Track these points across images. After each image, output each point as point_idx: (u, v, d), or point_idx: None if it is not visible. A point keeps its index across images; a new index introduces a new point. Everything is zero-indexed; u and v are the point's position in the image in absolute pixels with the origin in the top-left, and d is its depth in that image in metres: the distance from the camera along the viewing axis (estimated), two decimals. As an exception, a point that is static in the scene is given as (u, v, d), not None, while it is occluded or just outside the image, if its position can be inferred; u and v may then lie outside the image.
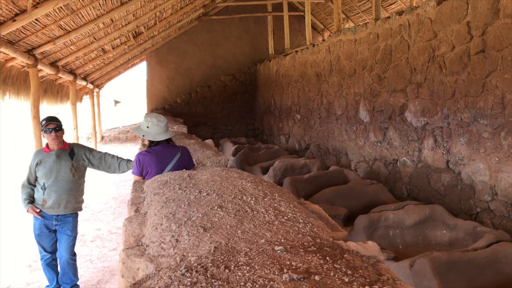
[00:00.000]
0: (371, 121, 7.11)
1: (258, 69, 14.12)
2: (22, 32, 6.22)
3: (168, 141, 3.68)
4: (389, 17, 6.55)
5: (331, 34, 8.76)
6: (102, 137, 17.42)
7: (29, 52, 6.80)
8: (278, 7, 13.25)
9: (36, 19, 5.98)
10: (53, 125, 3.94)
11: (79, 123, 12.27)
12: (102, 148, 14.51)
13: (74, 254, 4.24)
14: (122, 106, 31.94)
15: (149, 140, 3.62)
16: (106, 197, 8.25)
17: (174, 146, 3.72)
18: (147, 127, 3.56)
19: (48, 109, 10.24)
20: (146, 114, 3.79)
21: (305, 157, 8.51)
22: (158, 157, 3.55)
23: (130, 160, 4.28)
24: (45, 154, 4.01)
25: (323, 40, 9.12)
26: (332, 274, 1.28)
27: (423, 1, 5.81)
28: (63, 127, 4.06)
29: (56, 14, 6.38)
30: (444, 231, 4.57)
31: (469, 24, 4.93)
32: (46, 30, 6.65)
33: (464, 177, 5.19)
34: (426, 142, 5.80)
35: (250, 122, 14.82)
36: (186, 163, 3.68)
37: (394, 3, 11.63)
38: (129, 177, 9.12)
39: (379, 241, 4.53)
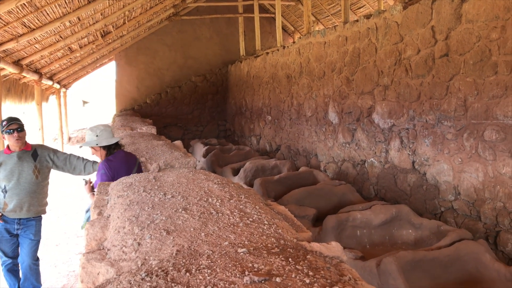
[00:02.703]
0: (340, 123, 7.21)
1: (229, 70, 14.09)
2: (-17, 30, 6.00)
3: (120, 147, 3.66)
4: (357, 21, 6.65)
5: (301, 36, 8.82)
6: (69, 138, 17.00)
7: (-10, 50, 6.57)
8: (249, 9, 13.26)
9: (-3, 16, 5.79)
10: (15, 125, 3.81)
11: (45, 124, 11.92)
12: (69, 149, 14.15)
13: (37, 259, 4.11)
14: (90, 106, 31.26)
15: (104, 149, 3.53)
16: (73, 199, 8.05)
17: (131, 154, 3.75)
18: (97, 135, 3.48)
19: (11, 108, 9.91)
20: (89, 128, 3.67)
21: (276, 158, 8.55)
22: (125, 162, 3.52)
23: (96, 162, 4.19)
24: (6, 156, 3.87)
25: (294, 42, 9.19)
26: (293, 275, 1.28)
27: (390, 5, 5.94)
28: (25, 127, 3.93)
29: (19, 11, 6.17)
30: (410, 230, 4.67)
31: (433, 28, 5.07)
32: (9, 28, 6.43)
33: (429, 178, 5.32)
34: (392, 143, 5.92)
35: (221, 123, 14.76)
36: (141, 170, 3.68)
37: (362, 6, 11.84)
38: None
39: (347, 241, 4.60)
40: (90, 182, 3.67)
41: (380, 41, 6.04)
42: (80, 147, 3.76)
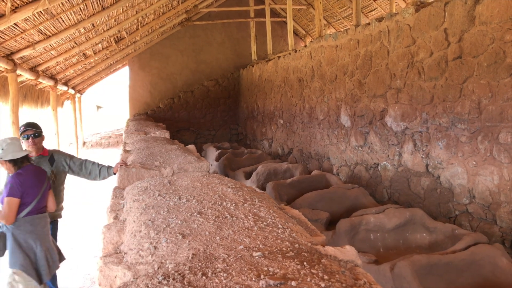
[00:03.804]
0: (352, 126, 7.19)
1: (241, 74, 14.15)
2: (0, 37, 6.12)
3: (28, 161, 3.58)
4: (369, 24, 6.64)
5: (312, 40, 8.83)
6: (84, 143, 17.21)
7: (8, 57, 6.69)
8: (260, 13, 13.31)
9: (15, 24, 5.90)
10: (31, 131, 3.88)
11: (61, 129, 12.10)
12: (84, 153, 14.33)
13: (53, 262, 4.17)
14: (104, 111, 31.61)
15: (10, 162, 3.40)
16: (87, 203, 8.14)
17: (41, 168, 3.67)
18: (2, 149, 3.36)
19: (28, 114, 10.09)
20: None
21: (288, 162, 8.54)
22: (35, 177, 3.46)
23: (111, 167, 4.24)
24: (24, 160, 3.94)
25: (305, 45, 9.20)
26: (309, 279, 1.29)
27: (402, 8, 5.92)
28: (42, 133, 4.00)
29: (36, 19, 6.30)
30: (424, 234, 4.63)
31: (446, 30, 5.04)
32: (26, 35, 6.56)
33: (443, 181, 5.27)
34: (406, 146, 5.88)
35: (234, 127, 14.82)
36: (50, 187, 3.66)
37: (374, 9, 11.81)
38: (109, 183, 9.01)
39: (360, 244, 4.57)
40: None
41: (392, 44, 6.02)
42: None
